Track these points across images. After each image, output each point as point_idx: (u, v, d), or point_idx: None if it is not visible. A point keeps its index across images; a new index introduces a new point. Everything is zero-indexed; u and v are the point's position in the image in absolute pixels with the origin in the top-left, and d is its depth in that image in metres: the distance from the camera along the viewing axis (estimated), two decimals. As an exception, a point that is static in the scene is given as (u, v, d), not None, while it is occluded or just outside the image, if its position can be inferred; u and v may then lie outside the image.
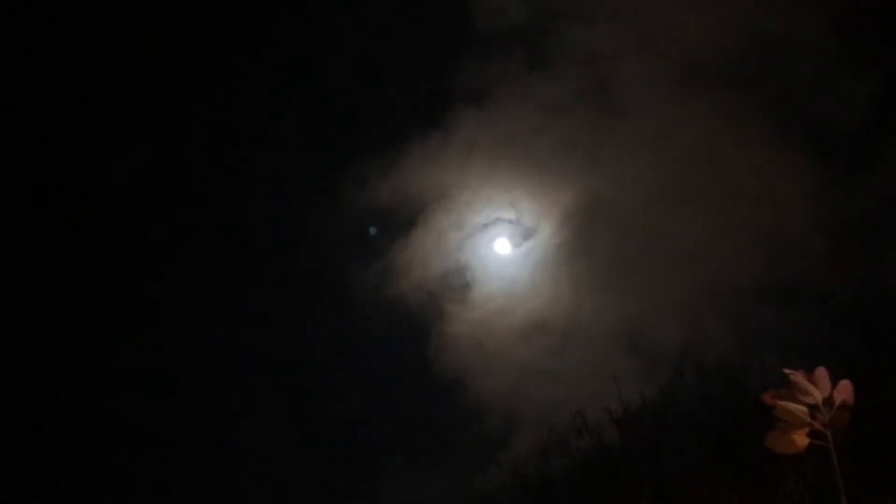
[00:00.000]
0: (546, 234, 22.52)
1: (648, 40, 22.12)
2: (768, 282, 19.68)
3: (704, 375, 17.69)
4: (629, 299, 21.34)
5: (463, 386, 21.09)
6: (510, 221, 22.94)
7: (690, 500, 14.43)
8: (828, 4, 20.30)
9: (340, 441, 22.31)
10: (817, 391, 3.50)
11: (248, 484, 21.99)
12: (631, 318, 20.57)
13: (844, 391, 3.53)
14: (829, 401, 3.58)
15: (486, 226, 23.07)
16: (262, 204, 24.31)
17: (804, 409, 3.64)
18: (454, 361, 21.50)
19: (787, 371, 3.52)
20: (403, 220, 22.83)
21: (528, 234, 22.85)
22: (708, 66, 21.53)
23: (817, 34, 20.67)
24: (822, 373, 3.51)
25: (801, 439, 3.75)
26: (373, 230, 23.02)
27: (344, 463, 22.03)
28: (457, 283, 22.67)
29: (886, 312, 15.84)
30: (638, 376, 17.42)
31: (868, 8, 20.35)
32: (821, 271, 19.34)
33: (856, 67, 20.89)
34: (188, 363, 22.64)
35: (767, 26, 21.01)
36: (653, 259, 21.69)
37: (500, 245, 23.08)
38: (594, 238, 22.35)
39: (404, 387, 22.76)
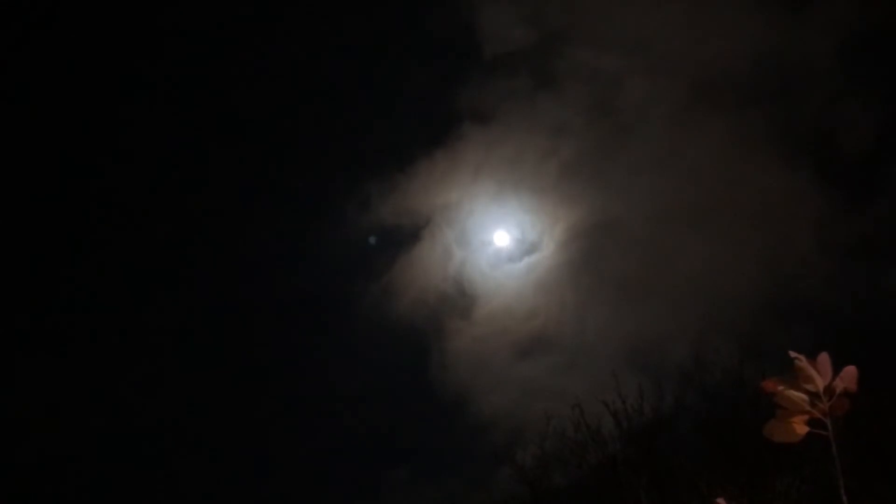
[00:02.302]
0: (552, 252, 22.47)
1: (656, 62, 22.09)
2: (773, 301, 19.68)
3: (703, 373, 17.69)
4: (634, 317, 21.31)
5: (467, 402, 21.15)
6: (516, 239, 22.87)
7: (687, 493, 14.42)
8: (836, 30, 20.26)
9: (346, 454, 22.49)
10: (819, 378, 3.45)
11: (258, 495, 22.26)
12: (636, 336, 20.46)
13: (848, 378, 3.47)
14: (829, 388, 3.52)
15: (490, 243, 23.00)
16: (269, 224, 24.48)
17: (804, 396, 3.59)
18: (458, 377, 21.52)
19: (792, 354, 3.46)
20: (407, 237, 22.91)
21: (533, 252, 22.78)
22: (715, 89, 21.53)
23: (825, 59, 20.67)
24: (824, 358, 3.46)
25: (800, 427, 3.69)
26: (372, 239, 23.05)
27: (349, 475, 22.25)
28: (460, 300, 22.65)
29: (887, 332, 15.94)
30: (644, 392, 17.39)
31: (875, 34, 20.33)
32: (824, 291, 19.39)
33: (863, 93, 20.94)
34: (197, 382, 22.88)
35: (776, 50, 21.01)
36: (658, 278, 21.67)
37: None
38: (600, 256, 22.37)
39: (408, 402, 22.98)
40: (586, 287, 22.35)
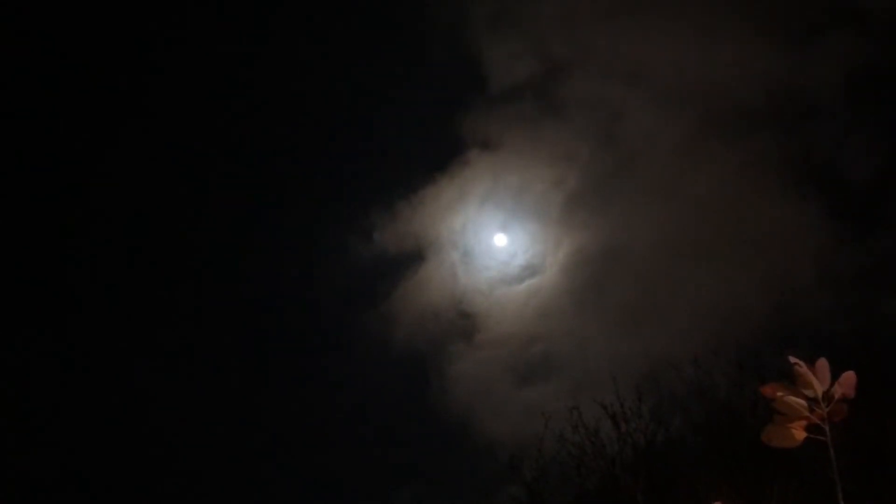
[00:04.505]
0: (557, 278, 22.47)
1: (662, 92, 22.18)
2: (775, 329, 19.68)
3: (703, 376, 17.70)
4: (637, 344, 21.25)
5: (470, 425, 21.21)
6: (519, 265, 22.85)
7: (685, 496, 14.42)
8: (842, 63, 20.35)
9: (349, 477, 22.57)
10: (818, 383, 3.47)
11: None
12: (639, 361, 20.37)
13: (846, 384, 3.49)
14: (828, 394, 3.54)
15: (493, 268, 22.99)
16: (271, 253, 24.62)
17: (803, 402, 3.61)
18: (461, 401, 21.56)
19: (792, 360, 3.48)
20: (411, 261, 22.99)
21: (537, 278, 22.77)
22: (721, 119, 21.65)
23: (832, 91, 20.81)
24: (823, 364, 3.48)
25: (798, 433, 3.70)
26: (375, 235, 23.11)
27: (352, 498, 22.29)
28: (464, 324, 22.68)
29: (884, 361, 16.05)
30: (642, 395, 17.39)
31: (881, 67, 20.44)
32: (823, 321, 19.48)
33: (868, 125, 21.10)
34: (200, 409, 22.92)
35: (782, 81, 21.13)
36: (661, 306, 21.69)
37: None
38: (604, 282, 22.39)
39: (412, 426, 23.08)
40: (590, 313, 22.43)
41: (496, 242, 23.18)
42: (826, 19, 21.13)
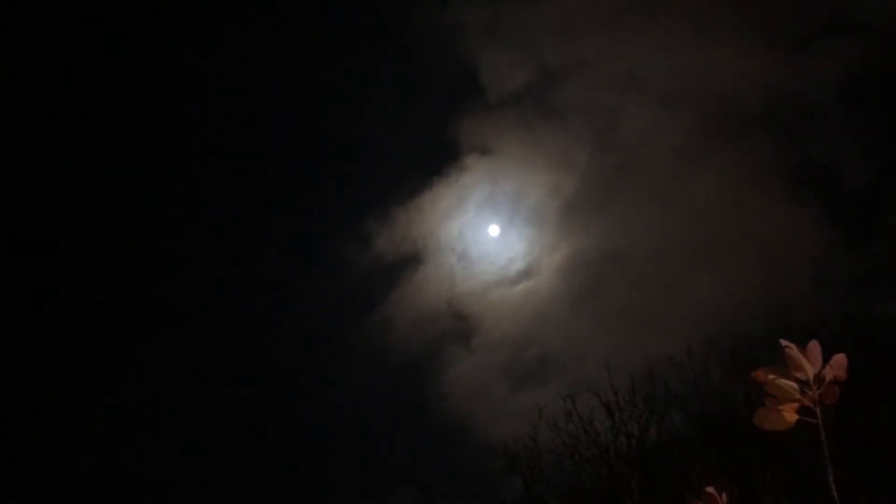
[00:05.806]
0: (555, 282, 22.52)
1: (659, 97, 22.20)
2: (770, 332, 19.76)
3: (694, 360, 17.72)
4: (634, 346, 21.32)
5: (469, 426, 21.26)
6: (517, 270, 22.89)
7: (679, 483, 14.49)
8: (837, 69, 20.39)
9: (348, 480, 22.72)
10: (809, 366, 3.48)
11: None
12: (636, 363, 20.39)
13: (838, 366, 3.50)
14: (819, 376, 3.55)
15: (490, 272, 23.03)
16: (271, 260, 24.61)
17: (794, 384, 3.61)
18: (458, 404, 21.64)
19: (783, 342, 3.49)
20: (409, 265, 22.99)
21: (534, 282, 22.81)
22: (718, 123, 21.65)
23: (827, 98, 20.88)
24: (814, 347, 3.49)
25: (790, 415, 3.71)
26: (373, 242, 23.10)
27: (353, 497, 22.32)
28: (461, 328, 22.72)
29: (878, 353, 16.14)
30: (640, 407, 17.41)
31: (875, 75, 20.48)
32: (820, 326, 19.58)
33: (863, 132, 21.17)
34: (200, 418, 23.07)
35: (778, 88, 21.20)
36: (659, 309, 21.75)
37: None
38: (601, 286, 22.49)
39: (410, 428, 23.30)
40: (586, 315, 22.56)
41: (490, 233, 23.21)
42: (823, 26, 21.25)
